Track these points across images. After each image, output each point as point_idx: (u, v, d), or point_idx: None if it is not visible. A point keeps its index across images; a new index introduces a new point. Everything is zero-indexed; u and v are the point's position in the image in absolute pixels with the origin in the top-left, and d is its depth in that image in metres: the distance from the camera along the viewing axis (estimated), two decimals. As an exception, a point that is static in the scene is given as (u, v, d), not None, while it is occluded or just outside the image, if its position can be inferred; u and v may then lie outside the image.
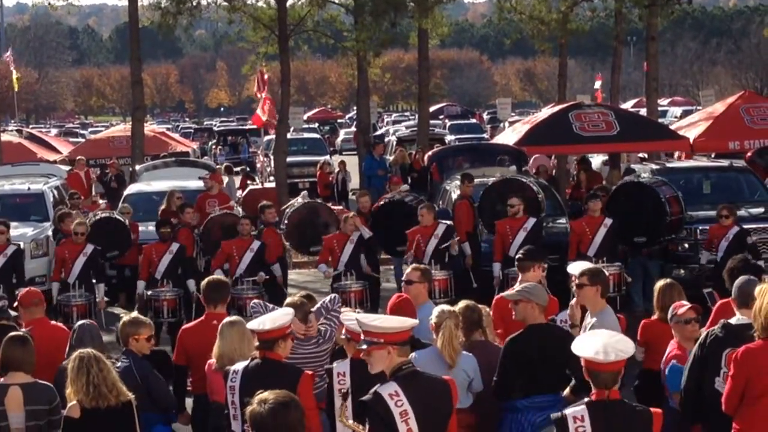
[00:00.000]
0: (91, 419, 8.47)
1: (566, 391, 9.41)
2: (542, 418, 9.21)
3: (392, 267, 21.44)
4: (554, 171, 30.10)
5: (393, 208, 19.62)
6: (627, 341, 7.50)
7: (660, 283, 11.06)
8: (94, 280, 17.39)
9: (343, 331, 8.83)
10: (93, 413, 8.47)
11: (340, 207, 25.72)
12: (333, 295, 10.69)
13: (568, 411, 7.21)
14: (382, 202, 20.12)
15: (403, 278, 11.70)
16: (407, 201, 19.93)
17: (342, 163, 36.39)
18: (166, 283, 16.85)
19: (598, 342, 7.34)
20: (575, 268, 10.81)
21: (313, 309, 10.25)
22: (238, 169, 34.82)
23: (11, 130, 46.25)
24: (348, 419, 7.62)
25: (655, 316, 10.94)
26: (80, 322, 10.56)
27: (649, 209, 18.54)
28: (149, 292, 16.92)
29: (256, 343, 8.66)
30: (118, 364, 9.55)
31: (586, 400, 7.28)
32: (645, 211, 18.55)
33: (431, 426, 7.42)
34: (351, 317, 8.77)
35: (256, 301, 10.66)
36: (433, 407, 7.44)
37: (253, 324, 8.74)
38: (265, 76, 34.28)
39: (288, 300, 10.27)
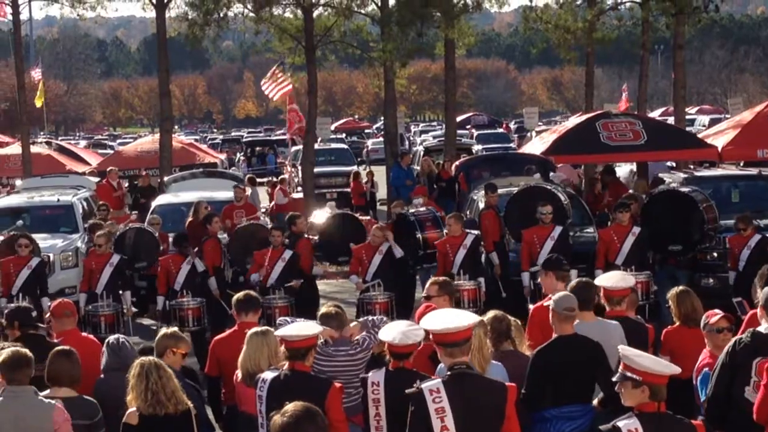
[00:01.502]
0: (148, 426, 8.52)
1: (594, 402, 9.41)
2: (571, 428, 9.21)
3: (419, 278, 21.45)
4: (582, 181, 30.07)
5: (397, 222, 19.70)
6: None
7: (674, 291, 11.09)
8: (120, 290, 17.51)
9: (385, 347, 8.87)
10: (151, 420, 8.52)
11: (368, 217, 25.74)
12: (382, 317, 10.76)
13: (621, 423, 7.15)
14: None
15: (423, 294, 11.68)
16: (410, 214, 19.95)
17: (370, 173, 36.42)
18: (186, 294, 16.91)
19: (654, 358, 7.41)
20: (604, 280, 10.84)
21: (360, 319, 10.35)
22: (264, 180, 34.94)
23: (40, 142, 46.36)
24: None
25: (676, 324, 10.94)
26: (116, 335, 10.56)
27: (687, 217, 18.49)
28: (172, 302, 16.98)
29: (285, 353, 8.71)
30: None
31: (635, 412, 7.22)
32: (682, 219, 18.49)
33: (476, 427, 7.49)
34: (387, 332, 8.79)
35: (282, 318, 10.69)
36: (479, 409, 7.51)
37: (282, 332, 8.79)
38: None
39: (323, 310, 10.31)
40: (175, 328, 10.64)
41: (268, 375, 8.67)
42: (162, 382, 8.58)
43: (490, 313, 10.12)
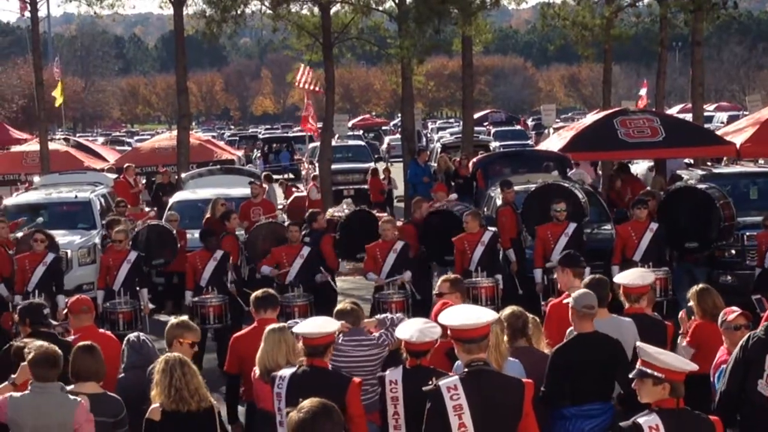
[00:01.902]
0: (171, 422, 8.53)
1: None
2: (591, 426, 9.18)
3: (435, 273, 21.43)
4: (600, 178, 30.00)
5: (442, 218, 19.54)
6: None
7: (694, 289, 11.05)
8: (137, 287, 17.51)
9: (402, 345, 8.86)
10: (173, 416, 8.53)
11: (385, 214, 25.71)
12: (401, 315, 10.70)
13: (641, 420, 7.16)
14: (431, 212, 20.02)
15: (434, 292, 11.59)
16: (456, 211, 19.87)
17: (387, 170, 36.40)
18: (211, 290, 16.91)
19: (674, 354, 7.37)
20: (622, 277, 10.81)
21: (379, 316, 10.34)
22: (277, 177, 34.96)
23: (58, 139, 46.48)
24: None
25: (695, 320, 10.90)
26: (133, 335, 10.57)
27: (703, 215, 18.43)
28: (195, 299, 16.98)
29: (301, 349, 8.70)
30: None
31: (655, 408, 7.21)
32: (698, 217, 18.43)
33: (494, 424, 7.47)
34: (404, 329, 8.77)
35: (291, 321, 10.65)
36: (497, 406, 7.49)
37: (301, 329, 8.78)
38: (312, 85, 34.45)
39: (338, 307, 10.30)
40: (185, 317, 10.62)
41: (286, 372, 8.66)
42: (186, 379, 8.58)
43: (507, 309, 10.09)
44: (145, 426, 8.65)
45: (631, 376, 7.44)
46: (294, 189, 34.31)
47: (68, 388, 8.82)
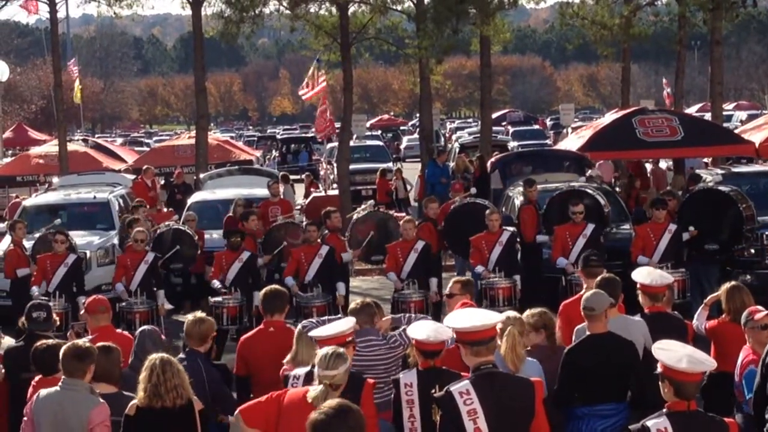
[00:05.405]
0: (144, 417, 8.50)
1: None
2: (604, 426, 9.16)
3: (455, 274, 21.40)
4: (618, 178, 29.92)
5: (468, 212, 19.46)
6: (704, 354, 7.43)
7: (726, 286, 10.93)
8: (154, 288, 17.51)
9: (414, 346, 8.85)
10: (147, 412, 8.50)
11: (403, 214, 25.70)
12: (424, 316, 10.65)
13: (650, 423, 7.09)
14: (455, 206, 19.98)
15: (445, 292, 11.54)
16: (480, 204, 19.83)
17: (398, 171, 36.43)
18: (235, 291, 16.91)
19: (682, 352, 7.25)
20: (640, 274, 10.76)
21: (395, 315, 10.34)
22: (296, 177, 34.97)
23: (77, 140, 46.63)
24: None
25: (722, 318, 10.81)
26: (141, 328, 10.63)
27: (725, 217, 18.31)
28: (213, 300, 16.98)
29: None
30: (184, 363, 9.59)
31: (665, 411, 7.14)
32: (719, 219, 18.30)
33: (508, 427, 7.42)
34: (418, 330, 8.75)
35: (305, 321, 10.58)
36: (509, 408, 7.44)
37: (315, 331, 8.81)
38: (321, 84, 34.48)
39: (351, 305, 10.29)
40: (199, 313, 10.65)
41: (301, 371, 8.66)
42: (165, 377, 8.54)
43: (536, 309, 10.13)
44: (123, 421, 8.63)
45: (657, 372, 7.37)
46: (312, 189, 34.37)
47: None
